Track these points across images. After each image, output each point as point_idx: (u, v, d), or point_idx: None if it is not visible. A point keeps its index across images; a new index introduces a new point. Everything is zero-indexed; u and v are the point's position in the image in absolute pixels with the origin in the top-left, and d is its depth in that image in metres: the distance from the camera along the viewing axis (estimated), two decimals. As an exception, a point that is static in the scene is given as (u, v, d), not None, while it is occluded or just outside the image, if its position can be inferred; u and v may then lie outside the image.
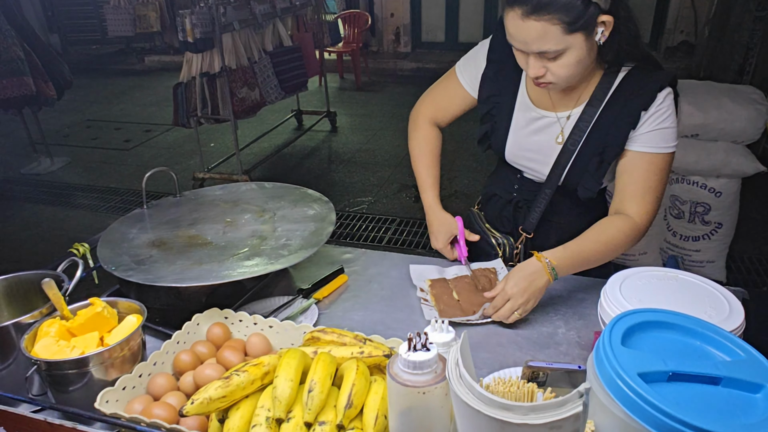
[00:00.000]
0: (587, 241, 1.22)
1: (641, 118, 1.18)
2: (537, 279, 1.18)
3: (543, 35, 1.06)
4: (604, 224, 1.23)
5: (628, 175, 1.22)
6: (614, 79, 1.21)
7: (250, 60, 4.37)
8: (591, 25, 1.06)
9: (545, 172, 1.33)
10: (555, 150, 1.29)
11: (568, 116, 1.27)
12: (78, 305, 1.07)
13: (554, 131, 1.29)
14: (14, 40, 4.11)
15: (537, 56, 1.11)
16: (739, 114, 2.59)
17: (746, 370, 0.72)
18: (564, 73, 1.12)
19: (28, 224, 4.02)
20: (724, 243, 2.88)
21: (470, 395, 0.69)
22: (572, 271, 1.23)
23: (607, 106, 1.22)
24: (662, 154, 1.20)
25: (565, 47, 1.07)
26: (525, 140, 1.34)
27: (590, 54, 1.12)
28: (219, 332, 1.14)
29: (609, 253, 1.23)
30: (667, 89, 1.18)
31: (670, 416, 0.65)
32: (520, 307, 1.18)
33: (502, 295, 1.19)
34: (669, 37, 7.03)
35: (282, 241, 1.31)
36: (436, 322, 0.90)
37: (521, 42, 1.10)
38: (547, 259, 1.18)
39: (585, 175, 1.27)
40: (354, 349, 0.98)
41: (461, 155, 4.64)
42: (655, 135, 1.18)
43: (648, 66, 1.21)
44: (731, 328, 0.89)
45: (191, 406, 0.83)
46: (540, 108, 1.30)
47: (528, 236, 1.43)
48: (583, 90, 1.25)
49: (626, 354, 0.73)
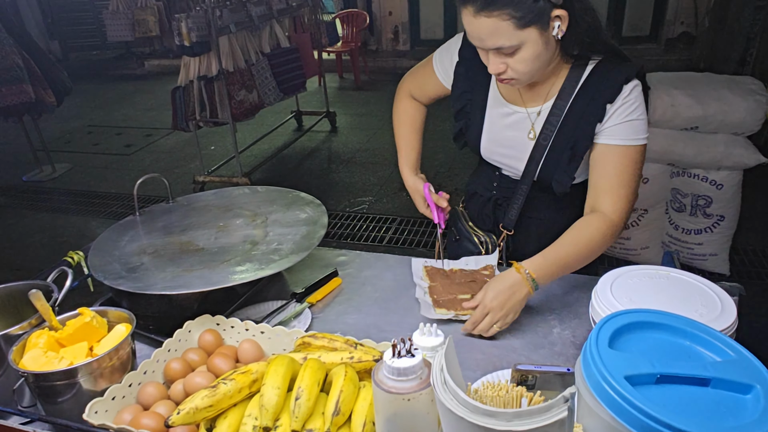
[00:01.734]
0: (566, 245, 1.19)
1: (607, 111, 1.17)
2: (517, 291, 1.15)
3: (495, 31, 1.06)
4: (580, 226, 1.21)
5: (601, 167, 1.21)
6: (582, 73, 1.20)
7: (247, 62, 4.36)
8: (544, 19, 1.06)
9: (521, 168, 1.32)
10: (528, 145, 1.29)
11: (538, 112, 1.27)
12: (67, 315, 1.07)
13: (526, 126, 1.29)
14: (12, 48, 4.13)
15: (495, 52, 1.12)
16: (738, 105, 2.57)
17: (736, 371, 0.70)
18: (523, 68, 1.12)
19: (31, 231, 4.04)
20: (727, 236, 2.85)
21: (454, 402, 0.68)
22: (553, 279, 1.20)
23: (575, 100, 1.21)
24: (633, 146, 1.18)
25: (520, 42, 1.07)
26: (499, 136, 1.34)
27: (548, 48, 1.12)
28: (210, 339, 1.13)
29: (589, 255, 1.20)
30: (634, 81, 1.16)
31: (657, 420, 0.64)
32: (500, 320, 1.16)
33: (480, 308, 1.16)
34: (669, 29, 6.98)
35: (273, 245, 1.30)
36: (425, 326, 0.90)
37: (477, 39, 1.11)
38: (527, 270, 1.16)
39: (557, 169, 1.26)
40: (344, 355, 0.97)
41: (462, 153, 4.59)
42: (625, 127, 1.17)
43: (615, 59, 1.20)
44: (723, 326, 0.88)
45: (177, 416, 0.83)
46: (511, 103, 1.30)
47: (509, 233, 1.43)
48: (551, 85, 1.24)
49: (613, 356, 0.71)
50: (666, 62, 6.61)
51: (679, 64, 6.46)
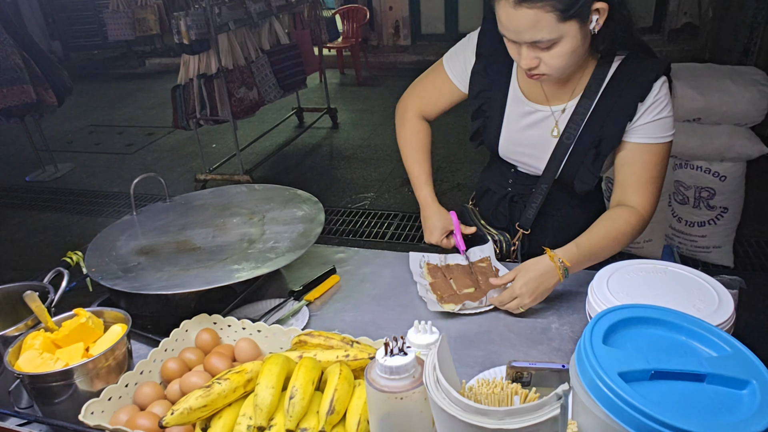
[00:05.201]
0: (597, 236, 1.19)
1: (638, 109, 1.15)
2: (547, 280, 1.16)
3: (536, 23, 1.02)
4: (611, 218, 1.20)
5: (629, 166, 1.20)
6: (608, 69, 1.18)
7: (247, 60, 4.35)
8: (585, 12, 1.03)
9: (541, 167, 1.30)
10: (550, 144, 1.26)
11: (563, 109, 1.24)
12: (63, 316, 1.07)
13: (549, 125, 1.26)
14: (13, 49, 4.13)
15: (530, 46, 1.07)
16: (741, 96, 2.54)
17: (732, 366, 0.70)
18: (558, 63, 1.08)
19: (34, 231, 4.05)
20: (731, 228, 2.83)
21: (446, 400, 0.68)
22: (582, 268, 1.20)
23: (602, 97, 1.19)
24: (662, 144, 1.17)
25: (559, 36, 1.04)
26: (519, 135, 1.31)
27: (584, 43, 1.09)
28: (207, 338, 1.13)
29: (617, 247, 1.21)
30: (663, 78, 1.15)
31: (651, 417, 0.63)
32: (528, 305, 1.18)
33: (509, 292, 1.18)
34: (672, 20, 6.93)
35: (270, 243, 1.30)
36: (419, 323, 0.89)
37: (513, 31, 1.06)
38: (560, 259, 1.15)
39: (581, 168, 1.24)
40: (339, 353, 0.97)
41: (463, 147, 4.60)
42: (655, 126, 1.16)
43: (641, 54, 1.18)
44: (719, 321, 0.87)
45: (171, 416, 0.83)
46: (533, 102, 1.27)
47: (525, 232, 1.40)
48: (577, 82, 1.21)
49: (607, 353, 0.71)
50: (669, 53, 6.56)
51: (683, 55, 6.41)
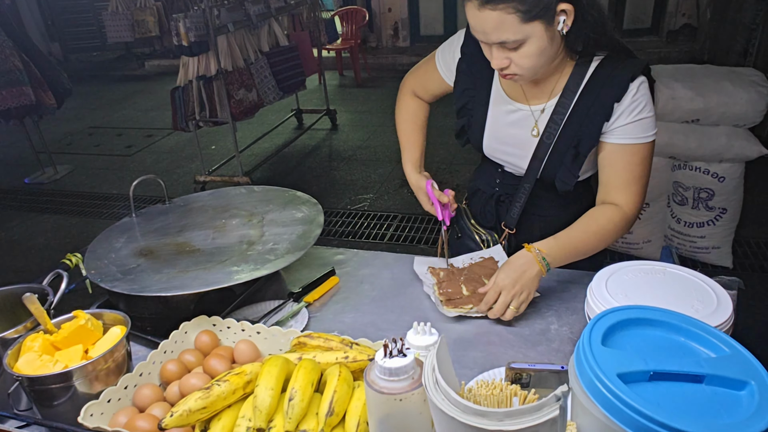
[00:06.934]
0: (577, 231, 1.21)
1: (615, 110, 1.16)
2: (528, 269, 1.16)
3: (500, 24, 1.05)
4: (593, 214, 1.22)
5: (611, 167, 1.21)
6: (586, 70, 1.19)
7: (246, 61, 4.36)
8: (549, 13, 1.05)
9: (524, 166, 1.31)
10: (532, 143, 1.28)
11: (542, 109, 1.25)
12: (62, 318, 1.07)
13: (529, 124, 1.28)
14: (12, 51, 4.14)
15: (498, 47, 1.10)
16: (739, 97, 2.55)
17: (730, 367, 0.70)
18: (527, 63, 1.10)
19: (34, 233, 4.05)
20: (730, 228, 2.83)
21: (445, 402, 0.68)
22: (564, 262, 1.21)
23: (580, 97, 1.20)
24: (643, 144, 1.18)
25: (525, 37, 1.06)
26: (502, 133, 1.33)
27: (553, 44, 1.10)
28: (207, 340, 1.13)
29: (599, 243, 1.22)
30: (640, 78, 1.15)
31: (650, 418, 0.63)
32: (514, 299, 1.16)
33: (493, 288, 1.17)
34: (671, 21, 6.94)
35: (269, 245, 1.30)
36: (419, 324, 0.89)
37: (481, 32, 1.10)
38: (537, 249, 1.17)
39: (561, 168, 1.25)
40: (339, 354, 0.97)
41: (462, 149, 4.57)
42: (634, 126, 1.16)
43: (620, 55, 1.18)
44: (718, 322, 0.87)
45: (170, 418, 0.83)
46: (514, 100, 1.29)
47: (510, 232, 1.42)
48: (555, 82, 1.23)
49: (606, 354, 0.71)
50: (667, 54, 6.57)
51: (681, 56, 6.42)
